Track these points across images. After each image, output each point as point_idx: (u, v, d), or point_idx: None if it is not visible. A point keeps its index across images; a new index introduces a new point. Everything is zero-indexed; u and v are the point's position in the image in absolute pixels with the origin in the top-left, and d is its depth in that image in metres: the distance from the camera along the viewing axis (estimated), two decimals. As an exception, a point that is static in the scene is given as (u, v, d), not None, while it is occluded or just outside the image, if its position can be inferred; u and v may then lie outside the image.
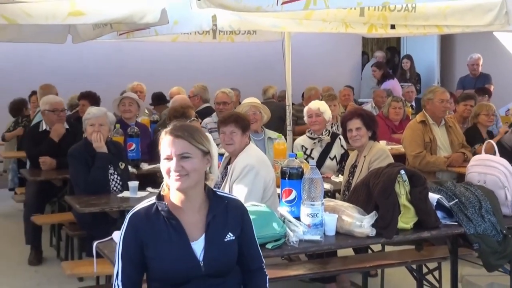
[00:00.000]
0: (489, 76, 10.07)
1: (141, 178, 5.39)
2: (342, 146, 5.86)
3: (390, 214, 3.55)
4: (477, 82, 9.90)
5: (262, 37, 7.59)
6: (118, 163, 5.20)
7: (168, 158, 2.55)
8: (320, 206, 3.39)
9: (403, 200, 3.62)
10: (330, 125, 6.60)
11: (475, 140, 6.52)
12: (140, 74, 9.39)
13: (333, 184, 5.25)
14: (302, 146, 5.88)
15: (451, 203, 3.87)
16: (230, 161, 4.46)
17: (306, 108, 6.10)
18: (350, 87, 10.43)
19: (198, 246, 2.56)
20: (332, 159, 5.82)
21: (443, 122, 6.25)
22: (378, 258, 4.68)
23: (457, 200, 3.90)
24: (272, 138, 5.79)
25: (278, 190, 3.83)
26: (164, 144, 2.57)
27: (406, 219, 3.64)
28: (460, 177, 5.69)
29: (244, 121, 4.50)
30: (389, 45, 13.66)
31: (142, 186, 4.97)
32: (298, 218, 3.45)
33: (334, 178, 5.50)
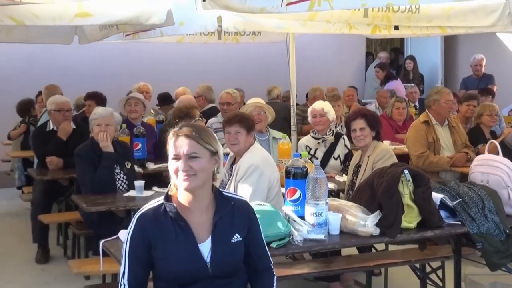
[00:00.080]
0: (492, 76, 10.05)
1: (147, 177, 5.40)
2: (346, 146, 5.86)
3: (393, 214, 3.55)
4: (480, 83, 9.87)
5: (266, 38, 7.59)
6: (124, 163, 5.21)
7: (176, 158, 2.54)
8: (324, 206, 3.39)
9: (407, 199, 3.62)
10: (334, 125, 6.60)
11: (478, 140, 6.51)
12: (146, 74, 9.39)
13: (337, 183, 5.25)
14: (306, 146, 5.87)
15: (455, 203, 3.86)
16: (235, 160, 4.47)
17: (310, 108, 6.10)
18: (353, 88, 10.42)
19: (205, 247, 2.56)
20: (336, 159, 5.81)
21: (446, 122, 6.23)
22: (381, 257, 4.67)
23: (460, 199, 3.89)
24: (276, 138, 5.79)
25: (283, 190, 3.84)
26: (172, 144, 2.56)
27: (410, 219, 3.64)
28: (463, 177, 5.68)
29: (249, 121, 4.50)
30: (392, 46, 13.65)
31: (148, 186, 4.98)
32: (302, 217, 3.45)
33: (338, 177, 5.49)
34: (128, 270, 2.55)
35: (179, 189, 2.58)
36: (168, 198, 2.61)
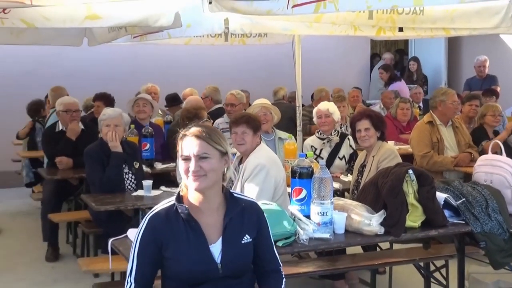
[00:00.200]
0: (495, 77, 10.02)
1: (155, 177, 5.42)
2: (351, 146, 5.85)
3: (398, 213, 3.55)
4: (483, 84, 9.84)
5: (272, 39, 7.58)
6: (132, 163, 5.21)
7: (186, 159, 2.53)
8: (329, 205, 3.39)
9: (411, 199, 3.62)
10: (339, 125, 6.59)
11: (482, 140, 6.50)
12: (154, 76, 9.40)
13: (342, 183, 5.24)
14: (312, 146, 5.87)
15: (458, 202, 3.86)
16: (242, 160, 4.47)
17: (316, 109, 6.09)
18: (358, 89, 10.41)
19: (216, 248, 2.55)
20: (341, 159, 5.81)
21: (450, 123, 6.22)
22: (386, 255, 4.67)
23: (464, 199, 3.89)
24: (282, 138, 5.78)
25: (289, 189, 3.83)
26: (182, 144, 2.55)
27: (414, 218, 3.64)
28: (467, 176, 5.67)
29: (255, 121, 4.51)
30: (397, 47, 13.61)
31: (156, 185, 4.99)
32: (308, 217, 3.45)
33: (343, 177, 5.49)
34: (136, 268, 2.54)
35: (190, 189, 2.57)
36: (179, 198, 2.60)
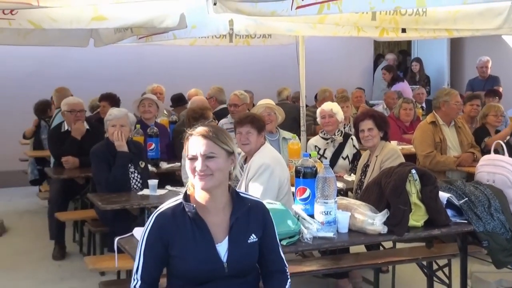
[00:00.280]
0: (498, 78, 10.01)
1: (160, 176, 5.42)
2: (354, 146, 5.85)
3: (401, 212, 3.55)
4: (486, 84, 9.83)
5: (277, 40, 7.58)
6: (138, 162, 5.21)
7: (193, 158, 2.53)
8: (333, 204, 3.39)
9: (414, 198, 3.61)
10: (343, 125, 6.58)
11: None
12: (159, 76, 9.41)
13: (345, 183, 5.23)
14: (315, 146, 5.87)
15: (461, 202, 3.85)
16: (246, 160, 4.47)
17: (319, 109, 6.08)
18: (361, 89, 10.39)
19: (222, 248, 2.55)
20: (344, 159, 5.80)
21: (453, 123, 6.21)
22: (389, 254, 4.66)
23: (466, 198, 3.88)
24: (286, 138, 5.78)
25: (293, 189, 3.83)
26: (189, 144, 2.56)
27: (417, 217, 3.63)
28: (469, 176, 5.66)
29: (259, 121, 4.50)
30: (400, 48, 13.60)
31: (161, 184, 4.99)
32: (312, 216, 3.45)
33: (346, 177, 5.48)
34: (142, 266, 2.54)
35: (196, 188, 2.57)
36: (186, 197, 2.60)
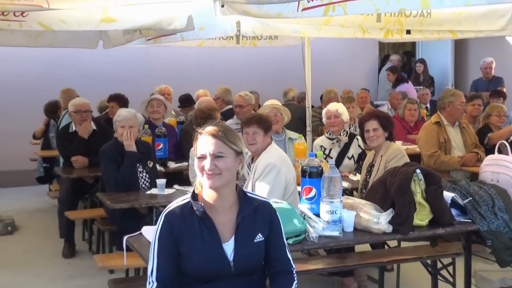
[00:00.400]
0: (501, 79, 9.96)
1: (168, 176, 5.42)
2: (359, 146, 5.84)
3: (406, 211, 3.54)
4: (489, 85, 9.79)
5: (283, 42, 7.58)
6: (146, 162, 5.22)
7: (202, 157, 2.53)
8: (339, 204, 3.38)
9: (419, 198, 3.60)
10: (348, 126, 6.57)
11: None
12: (167, 77, 9.40)
13: (351, 182, 5.23)
14: (321, 146, 5.86)
15: (465, 201, 3.84)
16: (253, 160, 4.47)
17: (325, 110, 6.08)
18: (366, 90, 10.37)
19: (229, 247, 2.55)
20: (350, 159, 5.79)
21: (457, 123, 6.20)
22: (394, 253, 4.65)
23: (470, 198, 3.87)
24: (292, 139, 5.78)
25: (299, 188, 3.83)
26: (199, 143, 2.55)
27: (422, 216, 3.62)
28: (473, 176, 5.64)
29: (266, 122, 4.50)
30: (404, 49, 13.57)
31: (169, 184, 4.99)
32: (317, 215, 3.44)
33: (352, 176, 5.47)
34: (156, 267, 2.52)
35: (204, 187, 2.57)
36: (194, 196, 2.60)
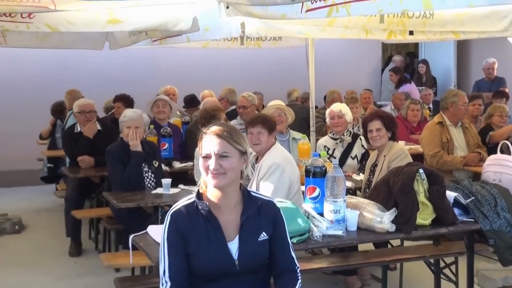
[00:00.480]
0: (504, 79, 9.94)
1: (173, 175, 5.43)
2: (362, 146, 5.83)
3: (409, 211, 3.54)
4: (492, 85, 9.77)
5: (287, 43, 7.58)
6: (152, 162, 5.22)
7: (207, 157, 2.53)
8: (342, 203, 3.38)
9: (422, 197, 3.60)
10: (351, 126, 6.56)
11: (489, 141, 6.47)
12: (172, 78, 9.40)
13: (354, 182, 5.22)
14: (325, 146, 5.85)
15: (468, 201, 3.84)
16: (257, 160, 4.47)
17: (328, 110, 6.08)
18: (369, 90, 10.36)
19: (234, 246, 2.55)
20: (353, 158, 5.79)
21: (460, 124, 6.18)
22: (397, 252, 4.65)
23: (473, 197, 3.86)
24: (296, 139, 5.78)
25: (303, 188, 3.83)
26: (204, 143, 2.56)
27: (425, 216, 3.62)
28: (476, 176, 5.63)
29: (270, 122, 4.50)
30: (407, 50, 13.54)
31: (174, 183, 5.00)
32: (321, 214, 3.44)
33: (355, 176, 5.47)
34: (168, 267, 2.50)
35: (209, 186, 2.57)
36: (199, 196, 2.60)
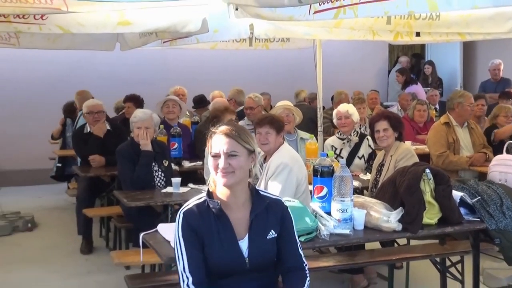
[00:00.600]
0: (509, 80, 9.89)
1: (182, 175, 5.44)
2: (369, 146, 5.82)
3: (415, 210, 3.52)
4: (498, 86, 9.73)
5: (294, 44, 7.57)
6: (162, 161, 5.23)
7: (216, 156, 2.54)
8: (349, 202, 3.37)
9: (428, 197, 3.59)
10: (359, 126, 6.55)
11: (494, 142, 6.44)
12: (182, 79, 9.40)
13: (361, 181, 5.21)
14: (332, 146, 5.85)
15: (474, 200, 3.82)
16: (266, 159, 4.47)
17: (336, 111, 6.07)
18: (376, 91, 10.34)
19: (244, 244, 2.56)
20: (360, 158, 5.78)
21: (466, 124, 6.17)
22: (403, 251, 4.64)
23: (479, 197, 3.84)
24: (304, 139, 5.77)
25: (310, 187, 3.82)
26: (213, 142, 2.57)
27: (431, 215, 3.60)
28: (481, 176, 5.60)
29: (278, 122, 4.50)
30: (414, 51, 13.50)
31: (183, 182, 5.00)
32: (329, 213, 3.44)
33: (362, 176, 5.46)
34: (188, 263, 2.50)
35: (218, 185, 2.58)
36: (210, 194, 2.61)
